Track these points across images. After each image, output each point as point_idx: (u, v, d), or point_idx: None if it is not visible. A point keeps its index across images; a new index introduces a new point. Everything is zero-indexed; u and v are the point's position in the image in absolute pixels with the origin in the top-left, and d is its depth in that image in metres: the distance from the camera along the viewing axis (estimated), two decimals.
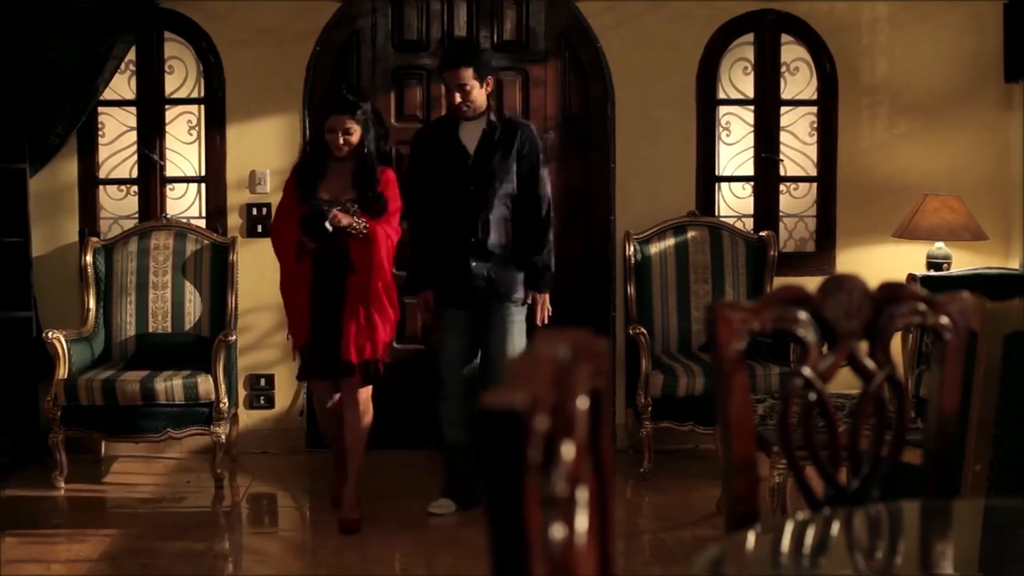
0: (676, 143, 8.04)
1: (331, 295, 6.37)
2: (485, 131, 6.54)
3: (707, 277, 7.86)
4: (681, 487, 7.13)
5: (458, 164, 6.53)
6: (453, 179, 6.54)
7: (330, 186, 6.45)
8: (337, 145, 6.41)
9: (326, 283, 6.38)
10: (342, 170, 6.47)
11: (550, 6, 8.03)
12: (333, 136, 6.40)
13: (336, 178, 6.47)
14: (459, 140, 6.54)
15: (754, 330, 2.71)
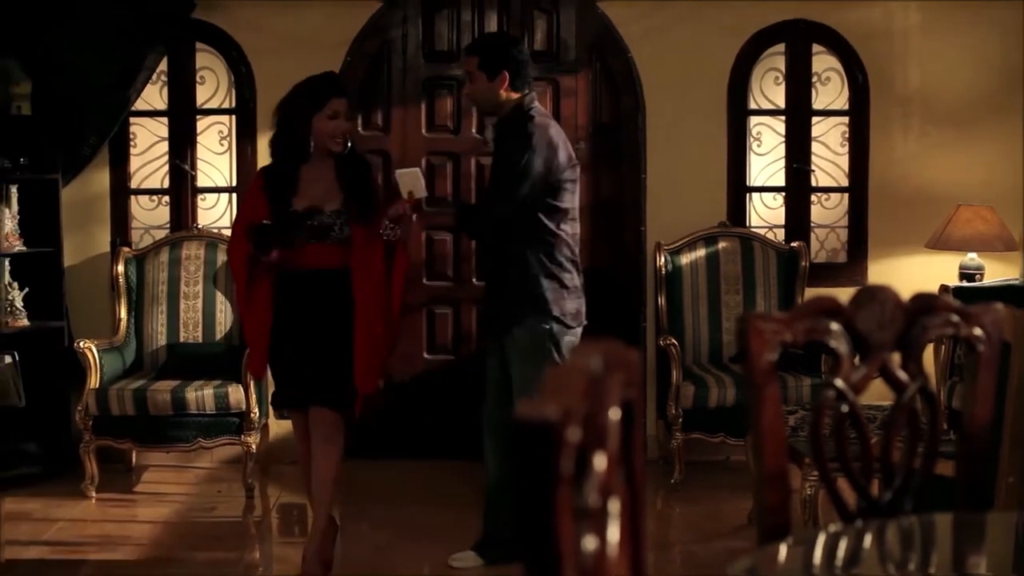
0: (707, 153, 8.02)
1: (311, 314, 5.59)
2: (493, 136, 6.06)
3: (738, 288, 7.84)
4: (712, 498, 7.11)
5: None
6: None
7: (306, 194, 5.61)
8: (339, 134, 5.61)
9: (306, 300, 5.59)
10: (318, 173, 5.65)
11: (581, 16, 8.02)
12: (335, 125, 5.60)
13: (313, 184, 5.63)
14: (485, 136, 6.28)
15: (786, 341, 2.69)
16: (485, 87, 5.78)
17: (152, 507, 7.16)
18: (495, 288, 5.88)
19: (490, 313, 5.97)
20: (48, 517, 6.84)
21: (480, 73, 5.77)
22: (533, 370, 5.63)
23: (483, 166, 8.04)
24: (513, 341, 5.77)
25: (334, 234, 5.57)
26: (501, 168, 5.76)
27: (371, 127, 8.04)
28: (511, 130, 5.76)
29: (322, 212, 5.56)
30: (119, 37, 7.61)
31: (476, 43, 6.08)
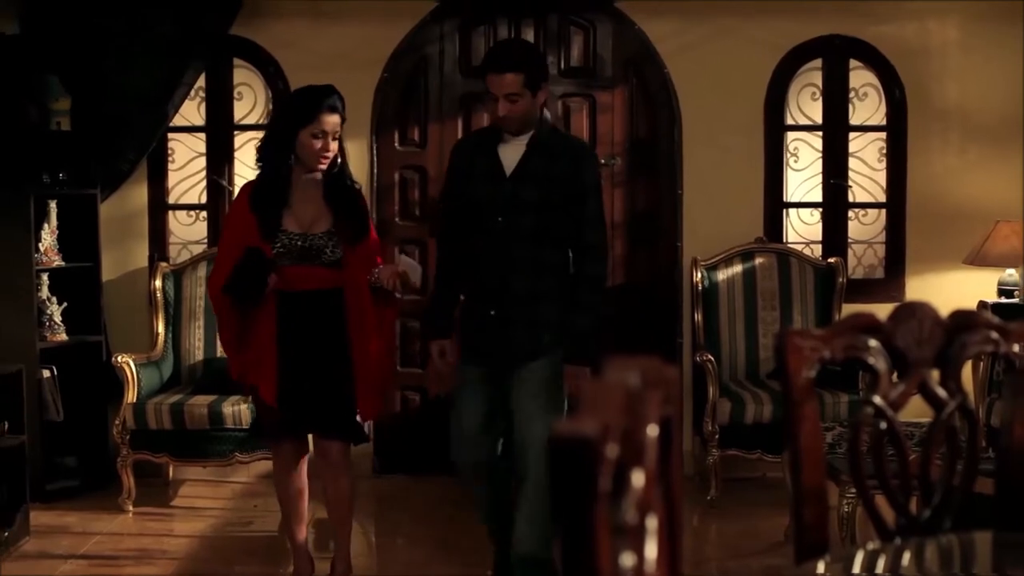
0: (744, 169, 8.01)
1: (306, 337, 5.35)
2: (527, 151, 5.32)
3: (775, 304, 7.82)
4: (748, 515, 7.08)
5: (492, 188, 5.35)
6: (485, 206, 5.35)
7: (298, 214, 5.36)
8: (325, 153, 5.32)
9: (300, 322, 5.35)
10: (309, 192, 5.40)
11: (617, 32, 8.03)
12: (321, 142, 5.30)
13: (304, 204, 5.38)
14: (498, 159, 5.34)
15: (824, 358, 2.68)
16: (530, 106, 5.27)
17: (189, 521, 7.18)
18: (520, 315, 5.31)
19: (512, 340, 5.34)
20: (86, 531, 6.87)
21: (527, 91, 5.24)
22: (550, 403, 5.30)
23: None
24: (531, 372, 5.31)
25: (326, 256, 5.34)
26: (582, 195, 5.28)
27: (408, 143, 8.06)
28: (571, 151, 5.36)
29: (312, 234, 5.33)
30: (158, 53, 7.65)
31: (517, 58, 5.31)
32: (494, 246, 5.33)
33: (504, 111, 5.26)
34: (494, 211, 5.30)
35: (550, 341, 5.31)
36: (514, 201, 5.28)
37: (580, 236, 5.31)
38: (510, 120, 5.28)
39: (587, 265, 5.33)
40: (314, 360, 5.35)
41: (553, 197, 5.26)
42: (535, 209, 5.27)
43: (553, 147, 5.32)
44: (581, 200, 5.28)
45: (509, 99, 5.24)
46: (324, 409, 5.39)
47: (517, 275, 5.32)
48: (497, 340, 5.36)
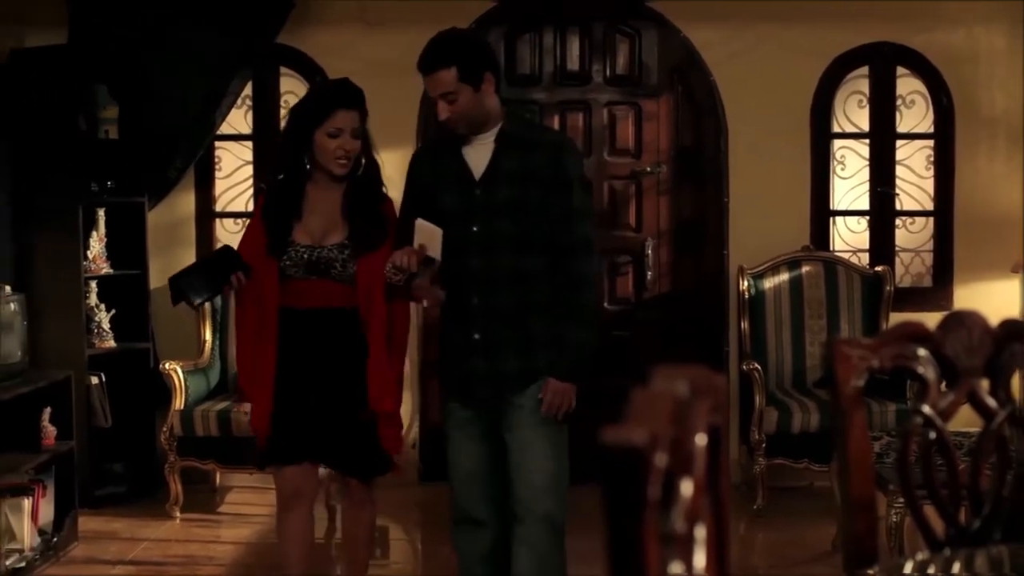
0: (790, 177, 7.98)
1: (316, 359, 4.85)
2: (495, 148, 4.67)
3: (822, 312, 7.78)
4: (795, 525, 7.05)
5: (461, 196, 4.70)
6: (456, 216, 4.67)
7: (310, 225, 4.87)
8: (342, 155, 4.83)
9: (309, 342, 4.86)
10: (325, 199, 4.90)
11: (663, 40, 8.02)
12: (339, 142, 4.81)
13: (318, 213, 4.89)
14: (464, 162, 4.70)
15: (873, 367, 2.67)
16: (471, 102, 4.60)
17: (235, 528, 7.21)
18: (509, 336, 4.66)
19: (503, 367, 4.68)
20: (133, 537, 6.91)
21: (464, 87, 4.59)
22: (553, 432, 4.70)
23: None
24: (528, 398, 4.67)
25: (336, 271, 4.81)
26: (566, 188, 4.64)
27: None
28: (548, 143, 4.73)
29: (322, 247, 4.82)
30: (205, 62, 7.69)
31: (444, 52, 4.65)
32: (470, 259, 4.66)
33: (444, 113, 4.63)
34: (467, 220, 4.65)
35: (546, 361, 4.67)
36: (488, 206, 4.64)
37: (565, 232, 4.62)
38: (453, 121, 4.63)
39: (575, 263, 4.64)
40: (321, 384, 4.84)
41: (531, 196, 4.61)
42: (512, 212, 4.62)
43: (526, 140, 4.69)
44: (565, 194, 4.62)
45: (446, 99, 4.60)
46: (337, 441, 4.89)
47: (500, 289, 4.65)
48: (485, 370, 4.68)
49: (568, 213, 4.62)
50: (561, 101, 8.09)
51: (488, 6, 7.87)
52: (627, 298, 8.12)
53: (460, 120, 4.63)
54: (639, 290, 8.11)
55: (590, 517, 1.86)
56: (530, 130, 4.86)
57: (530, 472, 4.65)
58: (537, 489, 4.65)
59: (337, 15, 7.96)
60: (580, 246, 4.64)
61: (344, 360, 4.84)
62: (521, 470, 4.66)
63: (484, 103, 4.63)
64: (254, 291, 4.84)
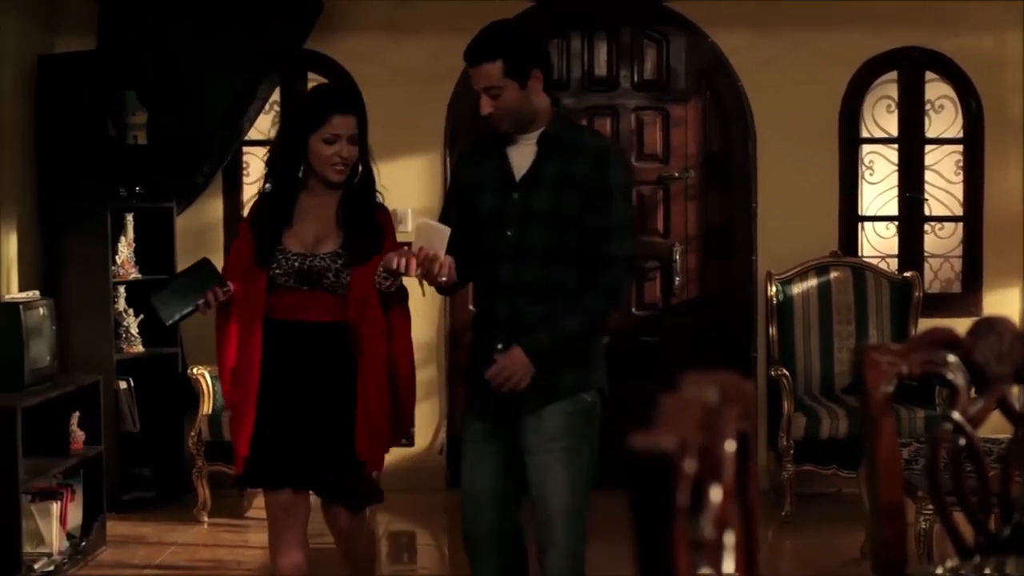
0: (818, 182, 7.96)
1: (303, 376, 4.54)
2: (539, 150, 4.44)
3: (850, 318, 7.76)
4: (824, 531, 7.03)
5: (500, 198, 4.47)
6: (492, 219, 4.46)
7: (302, 232, 4.60)
8: (338, 161, 4.56)
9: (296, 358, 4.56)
10: (319, 207, 4.63)
11: (691, 45, 8.01)
12: (334, 149, 4.54)
13: (310, 220, 4.62)
14: (508, 163, 4.48)
15: (902, 373, 2.66)
16: (516, 99, 4.38)
17: (263, 533, 7.13)
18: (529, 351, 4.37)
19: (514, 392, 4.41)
20: (161, 541, 6.93)
21: (509, 82, 4.36)
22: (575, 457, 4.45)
23: None
24: (549, 419, 4.42)
25: (328, 281, 4.52)
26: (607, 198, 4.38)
27: None
28: (592, 148, 4.46)
29: (314, 255, 4.54)
30: (233, 67, 7.71)
31: (490, 43, 4.43)
32: (501, 265, 4.44)
33: (486, 108, 4.40)
34: (502, 224, 4.42)
35: (571, 382, 4.45)
36: (524, 211, 4.40)
37: (604, 246, 4.37)
38: (496, 118, 4.41)
39: (608, 275, 4.39)
40: (307, 403, 4.54)
41: (569, 204, 4.37)
42: (548, 220, 4.38)
43: (569, 144, 4.44)
44: (605, 205, 4.37)
45: (490, 93, 4.39)
46: (322, 467, 4.57)
47: (527, 301, 4.40)
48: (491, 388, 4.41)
49: (606, 227, 4.36)
50: (589, 106, 8.09)
51: (522, 7, 7.86)
52: (655, 304, 8.11)
53: (503, 117, 4.40)
54: (667, 296, 8.10)
55: (619, 523, 1.85)
56: (576, 133, 4.55)
57: (549, 502, 4.41)
58: (556, 521, 4.42)
59: (365, 20, 7.98)
60: (616, 262, 4.38)
61: (334, 377, 4.54)
62: (540, 499, 4.43)
63: (531, 101, 4.40)
64: (240, 301, 4.56)
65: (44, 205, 7.52)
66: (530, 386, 4.36)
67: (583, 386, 4.47)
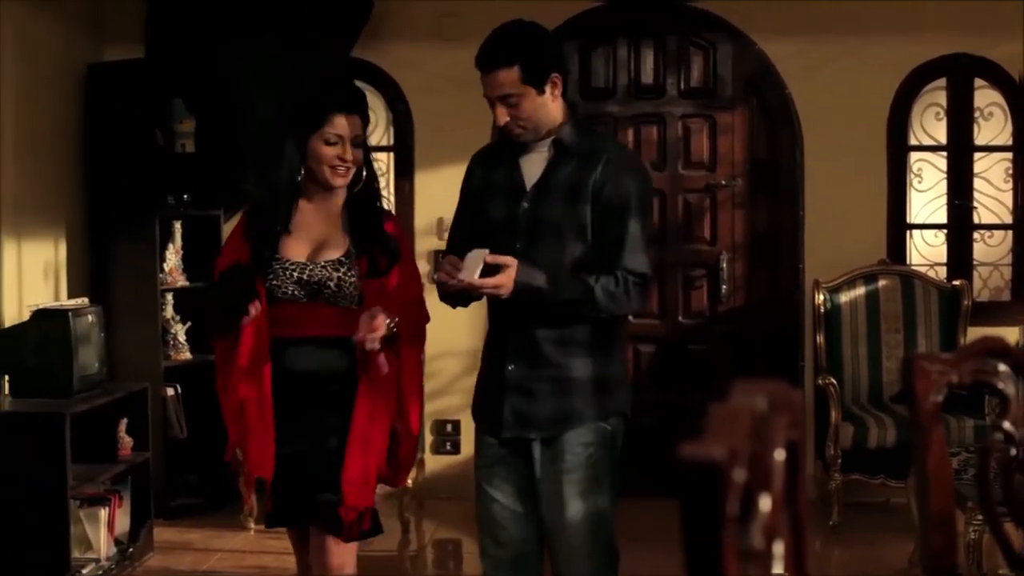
0: (866, 190, 7.92)
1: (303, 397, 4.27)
2: (551, 158, 4.17)
3: (899, 327, 7.71)
4: (871, 541, 6.99)
5: (507, 209, 4.21)
6: (500, 230, 4.17)
7: (300, 240, 4.32)
8: (339, 164, 4.27)
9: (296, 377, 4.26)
10: (320, 212, 4.36)
11: (737, 52, 7.99)
12: (336, 151, 4.26)
13: (311, 226, 4.34)
14: (520, 171, 4.21)
15: (952, 382, 2.64)
16: (536, 106, 4.10)
17: None
18: (545, 372, 4.14)
19: (536, 405, 4.17)
20: (208, 547, 6.95)
21: (527, 89, 4.07)
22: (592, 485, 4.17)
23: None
24: (564, 445, 4.15)
25: (329, 291, 4.24)
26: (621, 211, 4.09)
27: None
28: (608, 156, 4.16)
29: (314, 263, 4.26)
30: (281, 76, 7.74)
31: (505, 47, 4.13)
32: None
33: (502, 118, 4.11)
34: (510, 236, 4.12)
35: (586, 409, 4.15)
36: (533, 222, 4.14)
37: (616, 261, 4.07)
38: (514, 128, 4.13)
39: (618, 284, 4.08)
40: (311, 429, 4.28)
41: (581, 216, 4.10)
42: (558, 232, 4.12)
43: (584, 151, 4.16)
44: (619, 217, 4.08)
45: (506, 102, 4.09)
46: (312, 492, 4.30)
47: (538, 320, 4.11)
48: (516, 409, 4.17)
49: (618, 240, 4.08)
50: (635, 114, 8.08)
51: (568, 15, 7.86)
52: (702, 312, 8.09)
53: (522, 129, 4.13)
54: (714, 304, 8.07)
55: (669, 532, 1.85)
56: (590, 140, 4.24)
57: (566, 538, 4.15)
58: (577, 558, 4.16)
59: (412, 28, 7.99)
60: (632, 277, 4.09)
61: (329, 398, 4.26)
62: (556, 534, 4.16)
63: (549, 108, 4.12)
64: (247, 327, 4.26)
65: (93, 213, 7.57)
66: (543, 409, 4.13)
67: (601, 415, 4.16)
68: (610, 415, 4.18)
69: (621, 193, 4.10)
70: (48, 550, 5.92)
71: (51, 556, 5.92)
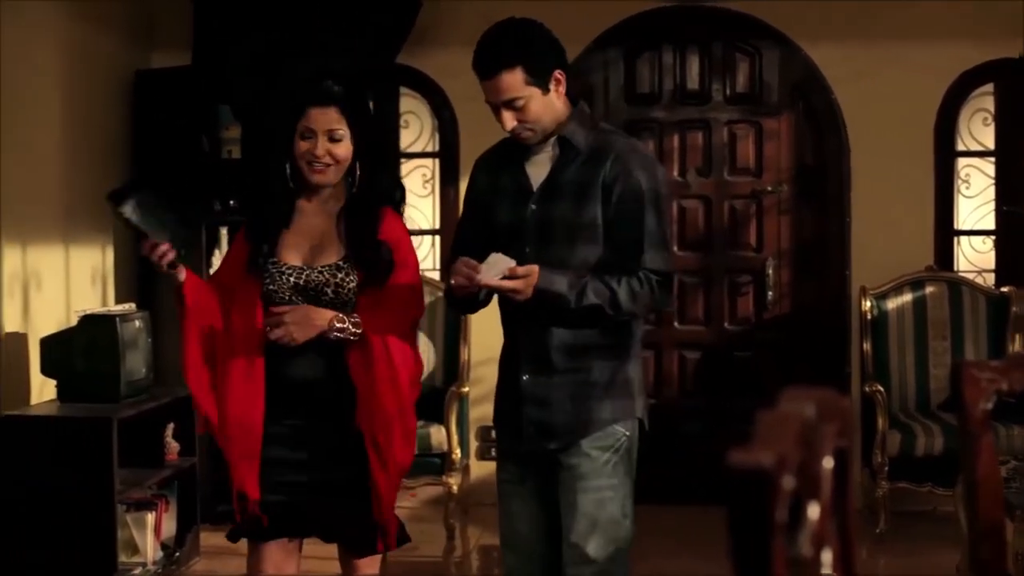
0: (913, 196, 7.88)
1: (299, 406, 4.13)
2: (556, 158, 4.00)
3: (946, 334, 7.66)
4: (918, 550, 6.95)
5: (514, 211, 4.05)
6: (509, 234, 4.02)
7: (298, 242, 4.20)
8: (313, 159, 4.14)
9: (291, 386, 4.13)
10: (317, 216, 4.24)
11: (784, 58, 7.97)
12: (309, 145, 4.13)
13: (308, 229, 4.23)
14: (525, 172, 4.05)
15: (1002, 390, 2.62)
16: (542, 107, 3.93)
17: None
18: (560, 380, 3.98)
19: (550, 421, 4.01)
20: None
21: (532, 90, 3.90)
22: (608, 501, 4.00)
23: (684, 209, 8.03)
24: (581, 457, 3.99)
25: (327, 297, 4.09)
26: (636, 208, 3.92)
27: None
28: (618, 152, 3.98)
29: (311, 267, 4.14)
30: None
31: (505, 49, 3.94)
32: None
33: (509, 123, 3.94)
34: (519, 240, 3.97)
35: (601, 414, 3.99)
36: (542, 225, 3.97)
37: (635, 262, 3.91)
38: (522, 132, 3.96)
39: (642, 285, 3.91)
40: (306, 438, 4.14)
41: (591, 216, 3.93)
42: (569, 234, 3.95)
43: (591, 147, 3.99)
44: (633, 215, 3.92)
45: (512, 106, 3.92)
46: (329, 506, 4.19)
47: (552, 326, 3.96)
48: (532, 419, 4.01)
49: (636, 239, 3.93)
50: (681, 120, 8.07)
51: (606, 25, 7.86)
52: (747, 318, 8.07)
53: (531, 130, 3.96)
54: (759, 310, 8.05)
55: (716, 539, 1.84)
56: (598, 135, 4.03)
57: (581, 548, 3.97)
58: (590, 569, 3.98)
59: (457, 35, 7.98)
60: (656, 275, 3.92)
61: (334, 409, 4.13)
62: (571, 544, 3.98)
63: (554, 106, 3.95)
64: (237, 320, 4.15)
65: None
66: (560, 419, 3.98)
67: (618, 419, 4.00)
68: (627, 419, 4.02)
69: (633, 190, 3.92)
70: (95, 554, 5.95)
71: (98, 560, 5.95)
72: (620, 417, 3.99)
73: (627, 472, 4.02)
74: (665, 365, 8.02)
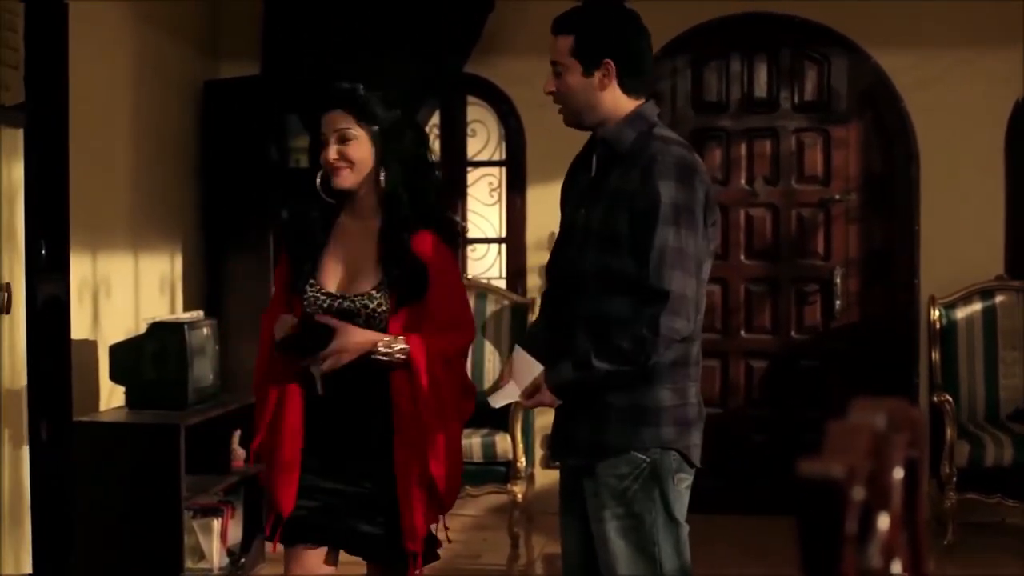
0: (983, 204, 7.81)
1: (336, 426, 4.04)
2: (597, 159, 3.86)
3: (1017, 344, 7.59)
4: (987, 562, 6.88)
5: (568, 217, 3.96)
6: (564, 239, 3.97)
7: (334, 266, 4.06)
8: (329, 164, 4.01)
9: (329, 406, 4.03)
10: (357, 234, 4.08)
11: (852, 65, 7.92)
12: (325, 150, 4.02)
13: (346, 251, 4.08)
14: (578, 175, 4.02)
15: None
16: (575, 85, 3.84)
17: None
18: (584, 403, 3.81)
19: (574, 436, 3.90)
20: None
21: (573, 62, 3.82)
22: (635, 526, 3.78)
23: (751, 217, 8.00)
24: (602, 480, 3.79)
25: (358, 323, 3.96)
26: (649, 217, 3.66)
27: None
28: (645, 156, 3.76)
29: (344, 296, 4.00)
30: (396, 92, 7.79)
31: (571, 16, 3.88)
32: (557, 294, 3.95)
33: (549, 86, 3.90)
34: (566, 246, 3.90)
35: (617, 440, 3.77)
36: (584, 232, 3.81)
37: (642, 278, 3.66)
38: (557, 100, 3.92)
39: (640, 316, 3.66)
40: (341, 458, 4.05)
41: (618, 223, 3.72)
42: (600, 242, 3.76)
43: (627, 151, 3.80)
44: (649, 225, 3.65)
45: (554, 70, 3.88)
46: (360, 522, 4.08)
47: (580, 337, 3.77)
48: (560, 433, 3.96)
49: (644, 255, 3.67)
50: (748, 128, 8.04)
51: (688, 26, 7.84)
52: (815, 327, 8.02)
53: (560, 103, 3.90)
54: (827, 319, 8.00)
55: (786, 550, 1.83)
56: (638, 139, 3.82)
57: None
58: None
59: (524, 43, 8.00)
60: (650, 299, 3.65)
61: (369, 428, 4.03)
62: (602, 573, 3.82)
63: (594, 94, 3.82)
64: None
65: (208, 227, 7.66)
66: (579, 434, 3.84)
67: (638, 446, 3.75)
68: (649, 447, 3.75)
69: (652, 200, 3.66)
70: (161, 559, 6.00)
71: (164, 565, 5.99)
72: (638, 446, 3.75)
73: (650, 503, 3.76)
74: (731, 374, 7.99)
